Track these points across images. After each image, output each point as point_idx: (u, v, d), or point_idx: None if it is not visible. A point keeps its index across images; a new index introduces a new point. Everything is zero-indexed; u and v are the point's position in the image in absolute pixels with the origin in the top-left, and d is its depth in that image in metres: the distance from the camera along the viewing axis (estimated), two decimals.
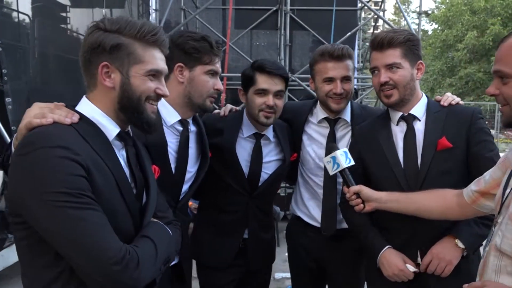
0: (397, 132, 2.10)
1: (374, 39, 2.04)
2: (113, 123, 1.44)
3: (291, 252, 2.61)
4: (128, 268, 1.26)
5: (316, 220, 2.42)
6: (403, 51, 2.01)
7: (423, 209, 1.88)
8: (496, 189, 1.60)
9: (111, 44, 1.38)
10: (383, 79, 2.02)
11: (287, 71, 2.32)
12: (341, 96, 2.29)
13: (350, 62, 2.31)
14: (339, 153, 1.96)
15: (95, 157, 1.32)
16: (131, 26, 1.41)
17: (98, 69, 1.39)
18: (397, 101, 2.05)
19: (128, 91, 1.42)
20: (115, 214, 1.35)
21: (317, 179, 2.41)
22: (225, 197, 2.32)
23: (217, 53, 2.00)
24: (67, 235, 1.22)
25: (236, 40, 8.52)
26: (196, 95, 1.99)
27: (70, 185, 1.21)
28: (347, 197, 1.98)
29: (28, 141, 1.26)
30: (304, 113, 2.48)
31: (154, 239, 1.42)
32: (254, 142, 2.32)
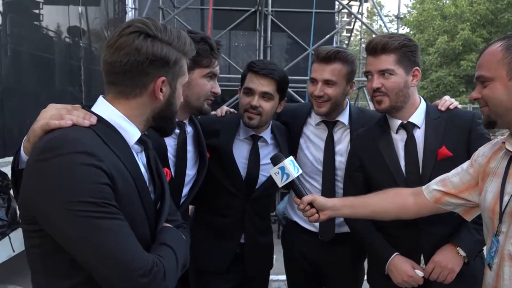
0: (398, 141, 2.09)
1: (369, 43, 2.04)
2: (135, 127, 1.37)
3: (286, 256, 2.59)
4: (156, 280, 1.21)
5: (313, 225, 2.39)
6: (398, 57, 1.99)
7: (378, 211, 1.88)
8: (465, 193, 1.69)
9: (174, 59, 1.36)
10: (375, 85, 2.01)
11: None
12: (321, 99, 2.26)
13: (342, 66, 2.25)
14: (287, 162, 1.87)
15: (117, 163, 1.25)
16: (179, 40, 1.38)
17: (156, 83, 1.34)
18: (387, 108, 2.04)
19: (172, 104, 1.43)
20: (135, 221, 1.30)
21: (315, 183, 2.39)
22: (221, 199, 2.28)
23: (216, 56, 1.96)
24: (93, 246, 1.16)
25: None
26: (194, 98, 1.94)
27: (95, 194, 1.15)
28: (300, 208, 1.90)
29: (49, 146, 1.18)
30: (303, 115, 2.46)
31: (173, 247, 1.37)
32: (252, 144, 2.28)
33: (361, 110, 2.52)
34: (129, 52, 1.30)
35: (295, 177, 1.87)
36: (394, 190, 1.89)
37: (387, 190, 1.90)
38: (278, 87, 2.20)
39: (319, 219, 1.88)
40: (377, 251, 2.11)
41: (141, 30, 1.31)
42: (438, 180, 1.79)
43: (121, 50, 1.30)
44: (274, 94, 2.19)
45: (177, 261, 1.35)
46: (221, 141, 2.22)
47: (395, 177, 2.03)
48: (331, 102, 2.27)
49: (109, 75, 1.35)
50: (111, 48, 1.32)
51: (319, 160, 2.36)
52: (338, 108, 2.34)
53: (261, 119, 2.19)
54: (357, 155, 2.18)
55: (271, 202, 2.43)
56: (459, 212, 1.78)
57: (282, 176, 1.88)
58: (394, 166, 2.04)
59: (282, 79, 2.20)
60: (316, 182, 2.38)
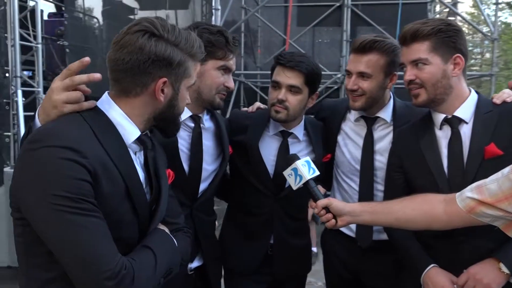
0: (441, 138, 1.85)
1: (400, 33, 1.82)
2: (134, 126, 1.36)
3: (326, 261, 2.43)
4: (122, 284, 1.17)
5: (351, 229, 2.21)
6: (432, 44, 1.75)
7: (402, 219, 1.66)
8: (504, 203, 1.41)
9: (177, 61, 1.33)
10: (407, 76, 1.79)
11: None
12: (356, 93, 2.06)
13: (379, 57, 2.03)
14: (300, 164, 1.74)
15: (106, 161, 1.24)
16: (186, 41, 1.36)
17: (157, 83, 1.33)
18: (425, 102, 1.81)
19: (175, 106, 1.40)
20: (120, 223, 1.28)
21: (352, 183, 2.20)
22: (250, 198, 2.19)
23: (232, 49, 1.88)
24: (62, 241, 1.16)
25: (298, 38, 8.36)
26: (205, 90, 1.89)
27: (71, 189, 1.14)
28: (315, 213, 1.75)
29: (38, 137, 1.21)
30: (342, 110, 2.28)
31: (155, 250, 1.33)
32: (281, 141, 2.17)
33: (409, 106, 2.25)
34: (132, 51, 1.29)
35: (308, 179, 1.74)
36: (422, 196, 1.67)
37: (415, 195, 1.69)
38: (306, 80, 2.05)
39: (336, 225, 1.72)
40: (413, 261, 1.88)
41: (146, 29, 1.30)
42: (474, 186, 1.53)
43: (125, 48, 1.30)
44: (302, 88, 2.06)
45: (155, 266, 1.29)
46: (248, 137, 2.14)
47: (437, 179, 1.79)
48: (366, 97, 2.07)
49: (112, 72, 1.35)
50: (116, 45, 1.32)
51: (357, 159, 2.17)
52: (377, 103, 2.13)
53: (288, 113, 2.07)
54: (397, 154, 1.97)
55: (305, 202, 2.27)
56: (498, 226, 1.51)
57: (295, 178, 1.75)
58: (435, 167, 1.80)
59: (311, 72, 2.06)
60: (354, 182, 2.19)
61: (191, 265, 1.98)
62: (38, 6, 5.91)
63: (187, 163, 1.91)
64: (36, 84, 5.84)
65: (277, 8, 8.94)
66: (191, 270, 1.99)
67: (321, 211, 1.72)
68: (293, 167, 1.75)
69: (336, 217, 1.71)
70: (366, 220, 1.73)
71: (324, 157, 2.23)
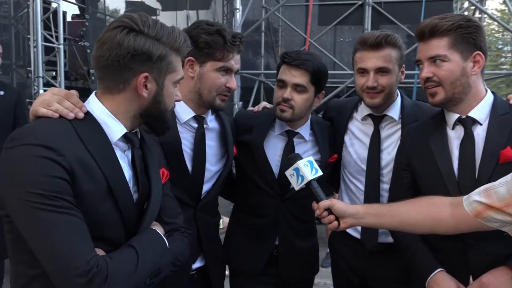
0: (453, 138, 1.77)
1: (417, 28, 1.75)
2: (120, 124, 1.35)
3: (333, 263, 2.37)
4: (93, 282, 1.15)
5: (357, 230, 2.15)
6: (451, 41, 1.67)
7: (407, 222, 1.59)
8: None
9: (158, 55, 1.31)
10: (424, 74, 1.71)
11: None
12: (374, 90, 2.00)
13: (393, 51, 1.99)
14: (302, 164, 1.69)
15: (86, 160, 1.23)
16: (168, 35, 1.34)
17: (138, 78, 1.31)
18: (443, 101, 1.73)
19: (160, 102, 1.37)
20: (102, 222, 1.27)
21: (359, 184, 2.14)
22: (255, 199, 2.16)
23: (231, 49, 1.83)
24: (36, 237, 1.16)
25: (319, 37, 8.28)
26: (205, 92, 1.85)
27: (45, 186, 1.14)
28: (317, 214, 1.71)
29: (16, 136, 1.22)
30: (349, 109, 2.22)
31: (138, 249, 1.30)
32: (287, 140, 2.13)
33: (417, 104, 2.18)
34: (111, 47, 1.28)
35: (310, 180, 1.69)
36: (428, 199, 1.60)
37: (420, 198, 1.62)
38: (312, 79, 2.01)
39: (338, 227, 1.67)
40: (419, 264, 1.80)
41: (125, 25, 1.29)
42: (482, 189, 1.45)
43: (105, 44, 1.30)
44: (307, 86, 2.01)
45: (137, 265, 1.26)
46: (253, 137, 2.11)
47: (446, 181, 1.71)
48: (385, 93, 2.03)
49: (96, 70, 1.36)
50: (98, 43, 1.33)
51: (363, 159, 2.10)
52: (389, 99, 2.08)
53: (294, 112, 2.02)
54: (405, 153, 1.90)
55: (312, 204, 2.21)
56: (507, 231, 1.43)
57: (297, 178, 1.71)
58: (445, 168, 1.72)
59: (317, 71, 2.01)
60: (360, 183, 2.13)
61: (193, 265, 1.96)
62: (60, 8, 6.02)
63: (190, 164, 1.89)
64: (58, 84, 5.95)
65: (298, 7, 8.89)
66: (193, 271, 1.97)
67: (323, 213, 1.67)
68: (295, 167, 1.71)
69: (339, 219, 1.66)
70: (369, 222, 1.67)
71: (330, 158, 2.17)
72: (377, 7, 7.81)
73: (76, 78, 7.53)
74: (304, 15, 8.86)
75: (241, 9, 8.07)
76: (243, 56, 2.04)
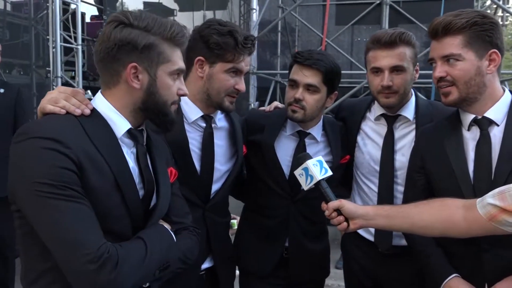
0: (468, 140, 1.71)
1: (430, 25, 1.70)
2: (124, 119, 1.38)
3: (345, 266, 2.34)
4: (104, 268, 1.16)
5: (370, 232, 2.12)
6: (466, 39, 1.62)
7: (419, 224, 1.55)
8: None
9: (143, 44, 1.32)
10: (438, 73, 1.67)
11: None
12: (390, 90, 1.96)
13: (407, 49, 1.95)
14: (311, 163, 1.67)
15: (93, 154, 1.26)
16: (160, 25, 1.35)
17: (127, 69, 1.33)
18: (456, 101, 1.68)
19: (154, 93, 1.37)
20: (109, 216, 1.28)
21: (372, 185, 2.10)
22: (265, 199, 2.14)
23: (242, 51, 1.81)
24: (47, 225, 1.18)
25: (337, 37, 8.21)
26: (214, 93, 1.84)
27: (54, 177, 1.16)
28: (326, 215, 1.68)
29: (23, 130, 1.25)
30: (362, 109, 2.19)
31: (147, 240, 1.32)
32: (298, 141, 2.10)
33: (432, 103, 2.13)
34: (102, 41, 1.34)
35: (319, 180, 1.66)
36: (440, 201, 1.56)
37: (433, 200, 1.58)
38: (324, 79, 1.98)
39: (348, 229, 1.64)
40: (433, 268, 1.76)
41: (116, 20, 1.34)
42: (496, 191, 1.40)
43: (99, 40, 1.37)
44: (319, 87, 1.98)
45: (145, 256, 1.28)
46: (264, 137, 2.09)
47: (460, 184, 1.66)
48: (400, 93, 1.99)
49: (96, 66, 1.40)
50: (96, 40, 1.41)
51: (376, 160, 2.07)
52: (404, 99, 2.04)
53: (306, 113, 2.00)
54: (420, 154, 1.85)
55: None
56: None
57: (306, 178, 1.68)
58: (460, 170, 1.68)
59: (330, 70, 1.98)
60: (373, 184, 2.09)
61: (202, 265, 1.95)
62: (78, 9, 6.09)
63: (199, 163, 1.88)
64: (76, 84, 6.03)
65: (315, 7, 8.83)
66: (202, 271, 1.96)
67: (332, 214, 1.64)
68: (304, 166, 1.69)
69: (349, 220, 1.64)
70: (379, 224, 1.64)
71: (342, 159, 2.14)
72: (395, 6, 7.70)
73: (94, 78, 7.62)
74: (321, 15, 8.78)
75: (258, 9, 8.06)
76: (259, 56, 2.03)
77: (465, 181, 1.67)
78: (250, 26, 7.74)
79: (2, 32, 6.50)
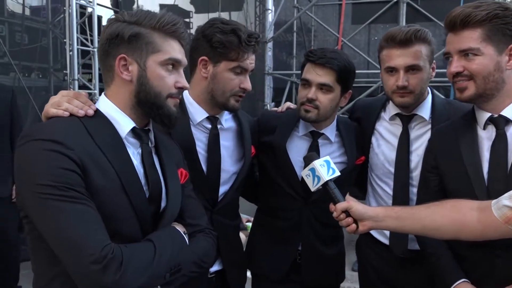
0: (484, 139, 1.65)
1: (447, 17, 1.62)
2: (128, 118, 1.37)
3: (360, 269, 2.28)
4: (109, 268, 1.15)
5: (385, 235, 2.06)
6: (485, 32, 1.54)
7: (430, 227, 1.50)
8: None
9: (129, 34, 1.33)
10: (453, 68, 1.60)
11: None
12: (405, 90, 1.90)
13: (423, 47, 1.89)
14: (318, 164, 1.62)
15: (96, 155, 1.25)
16: (150, 17, 1.36)
17: (116, 61, 1.34)
18: (472, 97, 1.61)
19: (145, 84, 1.36)
20: (115, 217, 1.27)
21: (387, 187, 2.05)
22: (278, 201, 2.10)
23: (246, 49, 1.78)
24: (50, 228, 1.18)
25: (353, 36, 8.12)
26: (218, 93, 1.81)
27: (55, 178, 1.16)
28: (334, 216, 1.63)
29: (26, 133, 1.26)
30: (376, 109, 2.13)
31: (156, 242, 1.30)
32: (311, 142, 2.06)
33: (449, 102, 2.06)
34: (100, 39, 1.40)
35: (326, 180, 1.62)
36: (453, 202, 1.51)
37: (445, 201, 1.53)
38: (338, 78, 1.93)
39: (357, 231, 1.59)
40: (443, 271, 1.70)
41: (113, 19, 1.37)
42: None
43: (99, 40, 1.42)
44: (333, 86, 1.94)
45: (154, 257, 1.26)
46: (276, 137, 2.05)
47: (474, 185, 1.60)
48: (416, 93, 1.93)
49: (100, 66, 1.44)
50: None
51: (391, 161, 2.01)
52: (420, 98, 1.97)
53: (319, 113, 1.95)
54: (433, 154, 1.79)
55: None
56: None
57: (313, 179, 1.64)
58: (473, 171, 1.61)
59: (343, 69, 1.93)
60: (388, 186, 2.04)
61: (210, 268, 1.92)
62: (95, 12, 6.14)
63: (205, 165, 1.85)
64: (93, 86, 6.07)
65: (331, 7, 8.75)
66: (211, 274, 1.93)
67: (341, 215, 1.60)
68: (311, 167, 1.64)
69: (357, 221, 1.59)
70: (389, 226, 1.59)
71: (357, 160, 2.09)
72: (413, 3, 7.58)
73: None
74: (337, 14, 8.70)
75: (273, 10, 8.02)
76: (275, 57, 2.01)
77: (479, 182, 1.61)
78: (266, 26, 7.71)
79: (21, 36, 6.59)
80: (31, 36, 6.84)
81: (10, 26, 6.45)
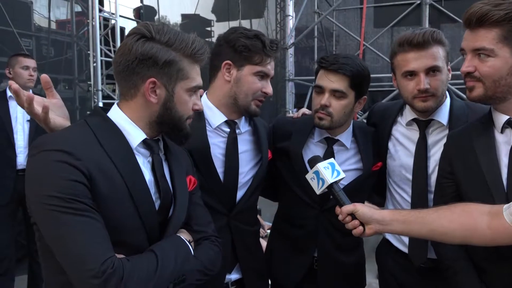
0: (502, 143, 1.56)
1: (465, 12, 1.54)
2: (139, 131, 1.38)
3: (380, 276, 2.22)
4: (109, 283, 1.15)
5: (404, 243, 1.99)
6: (503, 33, 1.45)
7: (438, 231, 1.44)
8: None
9: (164, 60, 1.32)
10: (465, 67, 1.52)
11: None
12: (427, 93, 1.83)
13: (440, 48, 1.83)
14: (322, 166, 1.58)
15: (105, 164, 1.26)
16: (181, 41, 1.35)
17: (145, 84, 1.33)
18: (481, 97, 1.53)
19: (171, 108, 1.37)
20: (122, 227, 1.27)
21: (405, 194, 1.98)
22: (294, 208, 2.07)
23: (269, 54, 1.80)
24: (54, 240, 1.19)
25: (375, 40, 8.03)
26: (241, 96, 1.82)
27: (63, 189, 1.17)
28: (340, 219, 1.58)
29: (37, 144, 1.27)
30: (393, 113, 2.07)
31: (158, 253, 1.29)
32: (326, 148, 2.03)
33: (469, 105, 1.98)
34: (123, 53, 1.33)
35: (331, 183, 1.59)
36: (462, 206, 1.44)
37: (455, 204, 1.47)
38: (351, 83, 1.89)
39: (363, 234, 1.55)
40: (459, 285, 1.63)
41: (138, 32, 1.34)
42: None
43: (119, 51, 1.36)
44: (346, 92, 1.90)
45: (156, 269, 1.25)
46: (291, 144, 2.03)
47: (492, 191, 1.51)
48: (438, 96, 1.87)
49: (114, 76, 1.41)
50: (117, 51, 1.39)
51: (408, 167, 1.95)
52: (440, 102, 1.92)
53: (332, 120, 1.92)
54: (448, 159, 1.71)
55: None
56: None
57: (318, 181, 1.60)
58: (492, 176, 1.53)
59: (357, 74, 1.89)
60: (405, 192, 1.97)
61: (229, 276, 1.91)
62: (117, 24, 6.27)
63: (222, 170, 1.84)
64: (116, 96, 6.19)
65: (353, 11, 8.70)
66: (232, 284, 1.91)
67: (346, 218, 1.56)
68: (315, 170, 1.61)
69: (364, 224, 1.55)
70: (396, 230, 1.54)
71: (374, 166, 2.04)
72: (436, 5, 7.44)
73: None
74: (359, 18, 8.63)
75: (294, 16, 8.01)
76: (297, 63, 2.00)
77: (497, 188, 1.51)
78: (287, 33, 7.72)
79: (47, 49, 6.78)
80: (57, 49, 7.02)
81: (37, 40, 6.64)
